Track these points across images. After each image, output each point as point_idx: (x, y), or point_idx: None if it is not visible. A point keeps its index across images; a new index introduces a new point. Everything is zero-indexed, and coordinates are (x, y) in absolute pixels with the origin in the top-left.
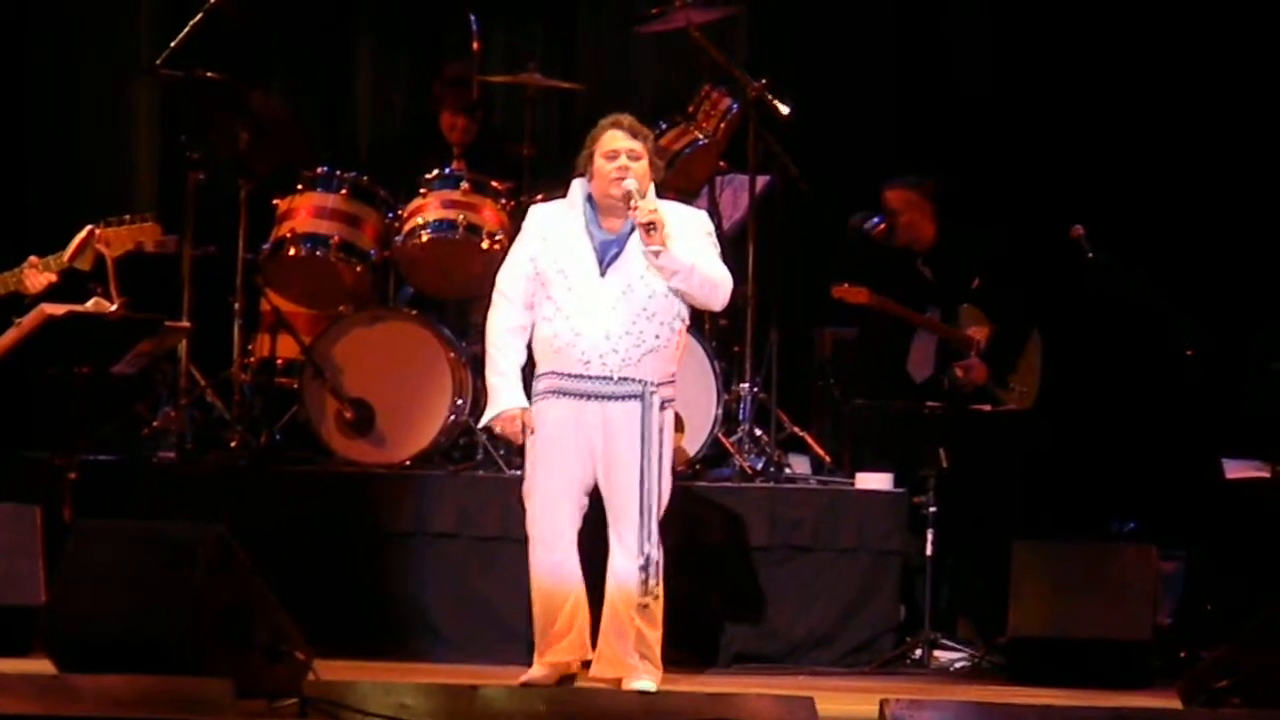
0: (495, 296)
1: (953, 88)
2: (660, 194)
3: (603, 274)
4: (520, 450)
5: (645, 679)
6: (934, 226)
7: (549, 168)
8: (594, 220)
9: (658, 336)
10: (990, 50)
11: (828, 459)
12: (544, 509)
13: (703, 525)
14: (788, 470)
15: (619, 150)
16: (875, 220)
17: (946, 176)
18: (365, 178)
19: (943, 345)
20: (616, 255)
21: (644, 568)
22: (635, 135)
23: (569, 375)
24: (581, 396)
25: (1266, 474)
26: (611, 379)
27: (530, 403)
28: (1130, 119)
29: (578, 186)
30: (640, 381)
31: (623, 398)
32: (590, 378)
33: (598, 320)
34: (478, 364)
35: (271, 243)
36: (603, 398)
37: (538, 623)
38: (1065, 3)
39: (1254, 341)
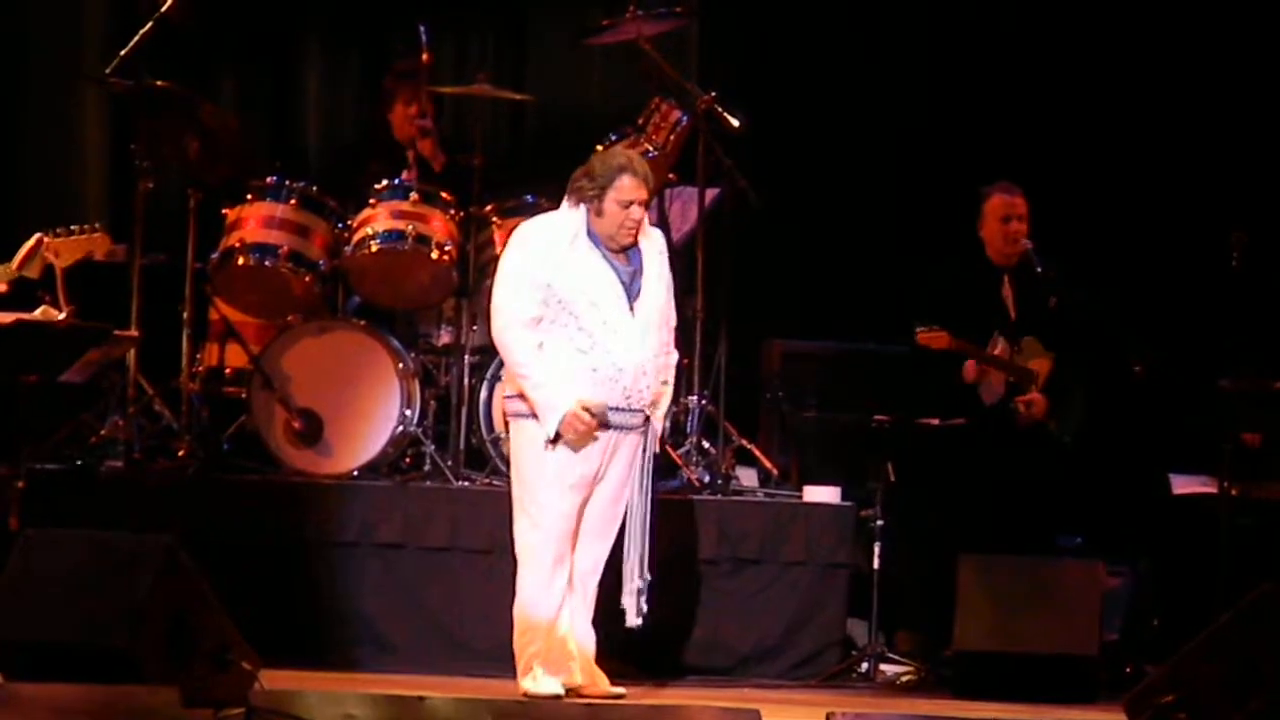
0: (509, 320)
1: (901, 98)
2: None
3: (631, 309)
4: (475, 462)
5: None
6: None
7: (499, 179)
8: (605, 252)
9: (660, 369)
10: (937, 62)
11: (775, 472)
12: (559, 534)
13: (650, 537)
14: (735, 483)
15: (633, 200)
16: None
17: (900, 189)
18: (314, 188)
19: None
20: (639, 290)
21: (644, 590)
22: (645, 184)
23: (611, 409)
24: (617, 429)
25: (1213, 489)
26: (640, 411)
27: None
28: (1082, 130)
29: (579, 214)
30: (644, 412)
31: (635, 428)
32: (628, 410)
33: (633, 355)
34: (426, 375)
35: (220, 252)
36: (627, 429)
37: (534, 644)
38: (1015, 12)
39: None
